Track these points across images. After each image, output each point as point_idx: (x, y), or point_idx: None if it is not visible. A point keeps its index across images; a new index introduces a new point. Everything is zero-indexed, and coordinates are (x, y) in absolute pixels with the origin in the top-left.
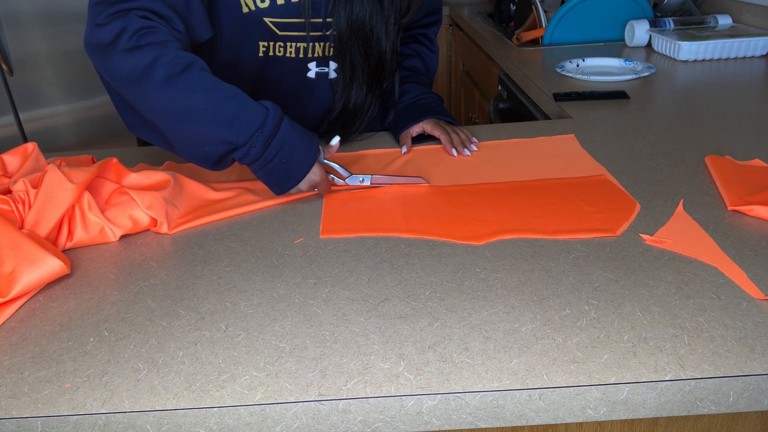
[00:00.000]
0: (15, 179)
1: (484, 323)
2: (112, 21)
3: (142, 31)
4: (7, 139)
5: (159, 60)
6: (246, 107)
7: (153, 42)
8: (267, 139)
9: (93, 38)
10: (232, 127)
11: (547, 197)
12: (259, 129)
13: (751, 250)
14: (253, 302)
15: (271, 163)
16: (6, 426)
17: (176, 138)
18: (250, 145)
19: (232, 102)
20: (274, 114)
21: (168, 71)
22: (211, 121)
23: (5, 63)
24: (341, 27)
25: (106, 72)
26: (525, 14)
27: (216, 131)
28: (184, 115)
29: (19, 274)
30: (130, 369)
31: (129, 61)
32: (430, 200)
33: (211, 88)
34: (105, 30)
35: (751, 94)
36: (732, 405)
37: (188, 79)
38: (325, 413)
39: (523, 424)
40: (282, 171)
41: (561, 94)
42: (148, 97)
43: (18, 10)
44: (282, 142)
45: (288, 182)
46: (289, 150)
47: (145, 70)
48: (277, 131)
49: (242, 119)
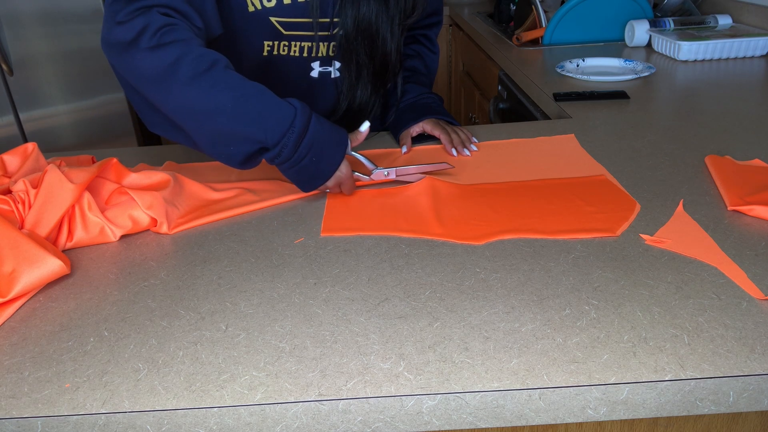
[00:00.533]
0: (15, 179)
1: (484, 323)
2: (134, 18)
3: (164, 28)
4: (7, 139)
5: (183, 58)
6: (274, 106)
7: (176, 39)
8: (298, 139)
9: (113, 36)
10: (259, 126)
11: (547, 197)
12: (289, 129)
13: (751, 250)
14: (253, 302)
15: (302, 162)
16: (6, 426)
17: (201, 137)
18: (281, 146)
19: (259, 100)
20: (303, 112)
21: (193, 69)
22: (237, 120)
23: (5, 63)
24: (348, 27)
25: (126, 71)
26: (525, 14)
27: (243, 130)
28: (210, 113)
29: (19, 274)
30: (130, 369)
31: (152, 59)
32: (432, 200)
33: (237, 86)
34: (126, 28)
35: (751, 94)
36: (732, 405)
37: (214, 78)
38: (325, 413)
39: (523, 424)
40: (312, 170)
41: (561, 94)
42: (173, 95)
43: (18, 10)
44: (312, 141)
45: (317, 180)
46: (319, 148)
47: (169, 68)
48: (307, 130)
49: (270, 118)
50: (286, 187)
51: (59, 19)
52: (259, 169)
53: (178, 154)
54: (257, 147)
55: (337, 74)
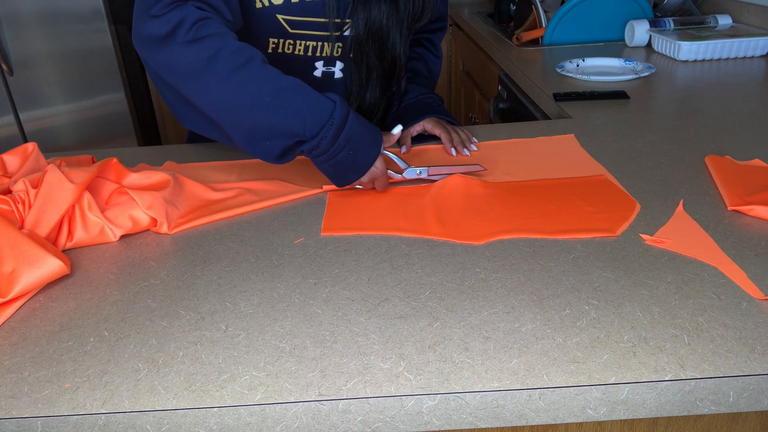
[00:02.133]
0: (15, 179)
1: (484, 323)
2: (169, 12)
3: (200, 21)
4: (7, 139)
5: (221, 52)
6: (313, 100)
7: (212, 33)
8: (336, 131)
9: (147, 31)
10: (298, 120)
11: (547, 197)
12: (328, 121)
13: (751, 250)
14: (253, 302)
15: (338, 155)
16: (6, 426)
17: (237, 132)
18: (320, 137)
19: (297, 93)
20: (342, 106)
21: (231, 63)
22: (275, 113)
23: (5, 63)
24: (360, 29)
25: (161, 66)
26: (525, 14)
27: (281, 124)
28: (248, 108)
29: (19, 274)
30: (130, 369)
31: (190, 53)
32: (432, 200)
33: (275, 81)
34: (161, 21)
35: (751, 94)
36: (732, 405)
37: (252, 72)
38: (325, 413)
39: (523, 424)
40: (348, 163)
41: (561, 94)
42: (210, 90)
43: (18, 10)
44: (350, 135)
45: (352, 175)
46: (356, 142)
47: (207, 62)
48: (345, 123)
49: (309, 112)
50: (286, 187)
51: (59, 19)
52: (260, 169)
53: (178, 154)
54: (294, 140)
55: (340, 74)
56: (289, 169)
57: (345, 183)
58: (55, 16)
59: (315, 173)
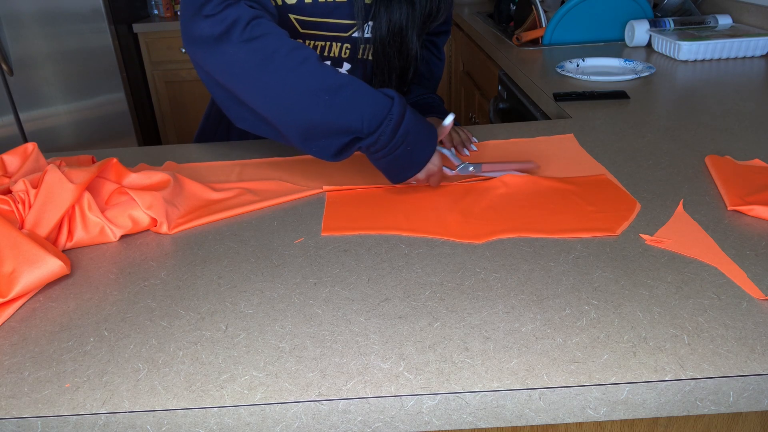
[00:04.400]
0: (15, 179)
1: (484, 323)
2: (223, 11)
3: (254, 20)
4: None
5: (278, 51)
6: (371, 96)
7: (268, 32)
8: (395, 127)
9: (198, 31)
10: (356, 117)
11: (547, 197)
12: (386, 117)
13: (751, 250)
14: (253, 302)
15: (396, 151)
16: (6, 426)
17: (293, 131)
18: (379, 133)
19: (355, 90)
20: (399, 102)
21: (288, 63)
22: (333, 111)
23: (5, 63)
24: (383, 32)
25: (214, 66)
26: (525, 14)
27: (338, 121)
28: (305, 107)
29: (19, 274)
30: (130, 369)
31: (246, 53)
32: (431, 199)
33: (332, 78)
34: (214, 21)
35: (751, 94)
36: (732, 405)
37: (308, 71)
38: (325, 413)
39: (523, 424)
40: (406, 159)
41: (561, 94)
42: (267, 89)
43: (18, 10)
44: (407, 131)
45: (409, 171)
46: (414, 138)
47: (263, 62)
48: (403, 119)
49: (367, 108)
50: (286, 187)
51: (59, 19)
52: (260, 169)
53: (178, 154)
54: (350, 138)
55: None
56: (289, 169)
57: (401, 179)
58: (55, 16)
59: (315, 173)
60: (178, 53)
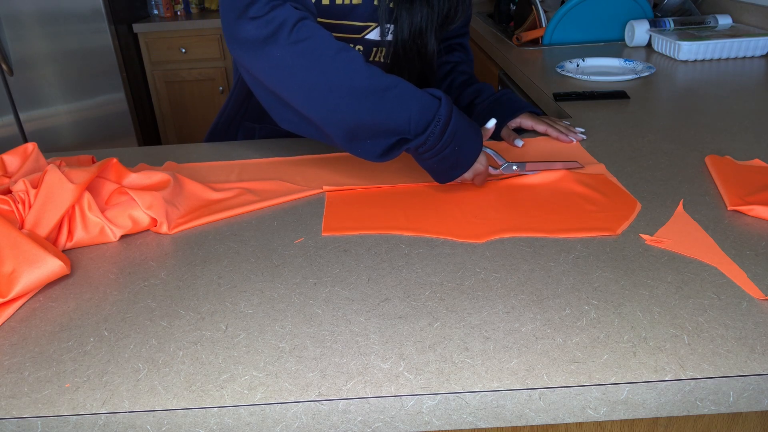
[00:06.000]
0: (15, 179)
1: (484, 323)
2: (270, 12)
3: (300, 22)
4: (7, 139)
5: (325, 53)
6: (418, 97)
7: (314, 34)
8: (443, 127)
9: (244, 33)
10: (403, 118)
11: (548, 196)
12: (434, 118)
13: (751, 250)
14: (253, 302)
15: (444, 151)
16: (6, 426)
17: (339, 131)
18: (428, 134)
19: (403, 92)
20: (446, 102)
21: (335, 65)
22: (380, 112)
23: (5, 63)
24: (405, 34)
25: (261, 67)
26: (525, 14)
27: (385, 123)
28: (353, 108)
29: (19, 274)
30: (130, 369)
31: (293, 55)
32: (432, 198)
33: (379, 80)
34: (261, 23)
35: (751, 94)
36: (732, 405)
37: (357, 71)
38: (325, 413)
39: (523, 424)
40: (453, 159)
41: (561, 94)
42: (314, 91)
43: (18, 10)
44: (455, 130)
45: (457, 170)
46: (460, 138)
47: (311, 64)
48: (450, 119)
49: (415, 109)
50: (286, 187)
51: (59, 19)
52: (260, 169)
53: (178, 154)
54: (397, 138)
55: None
56: (289, 169)
57: (448, 179)
58: (55, 16)
59: (315, 173)
60: (178, 53)
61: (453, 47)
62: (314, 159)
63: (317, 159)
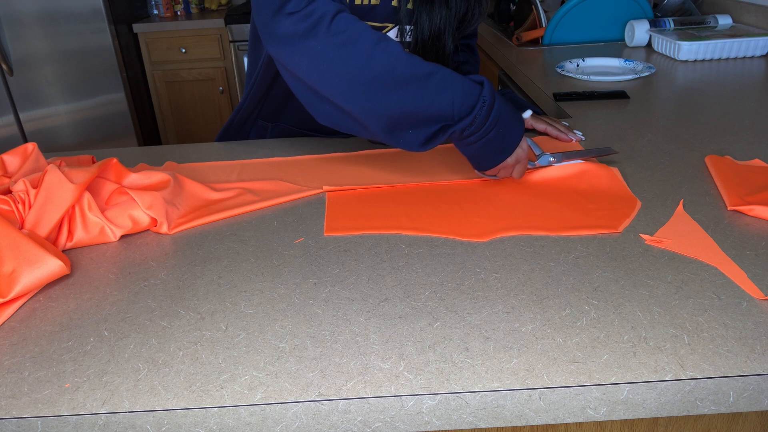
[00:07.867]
0: (15, 179)
1: (484, 323)
2: (307, 6)
3: (338, 15)
4: (7, 139)
5: (365, 44)
6: (461, 82)
7: (352, 26)
8: (488, 110)
9: (281, 28)
10: (447, 104)
11: (549, 194)
12: (479, 101)
13: (751, 250)
14: (253, 302)
15: (489, 134)
16: (6, 426)
17: (380, 123)
18: (473, 117)
19: (445, 78)
20: (489, 86)
21: (377, 54)
22: (423, 99)
23: (5, 63)
24: (425, 35)
25: (300, 63)
26: (525, 14)
27: (428, 110)
28: (396, 95)
29: (19, 274)
30: (130, 369)
31: (333, 49)
32: (433, 197)
33: (420, 67)
34: (299, 18)
35: (751, 94)
36: (732, 405)
37: (398, 60)
38: (325, 413)
39: (523, 424)
40: (498, 143)
41: (561, 94)
42: (356, 82)
43: (18, 10)
44: (499, 114)
45: (500, 156)
46: (504, 121)
47: (352, 55)
48: (494, 102)
49: (458, 94)
50: (286, 187)
51: (59, 19)
52: (260, 169)
53: (178, 154)
54: (439, 126)
55: None
56: (289, 169)
57: (491, 165)
58: (55, 16)
59: (315, 173)
60: (178, 53)
61: (459, 47)
62: (314, 159)
63: (317, 159)
